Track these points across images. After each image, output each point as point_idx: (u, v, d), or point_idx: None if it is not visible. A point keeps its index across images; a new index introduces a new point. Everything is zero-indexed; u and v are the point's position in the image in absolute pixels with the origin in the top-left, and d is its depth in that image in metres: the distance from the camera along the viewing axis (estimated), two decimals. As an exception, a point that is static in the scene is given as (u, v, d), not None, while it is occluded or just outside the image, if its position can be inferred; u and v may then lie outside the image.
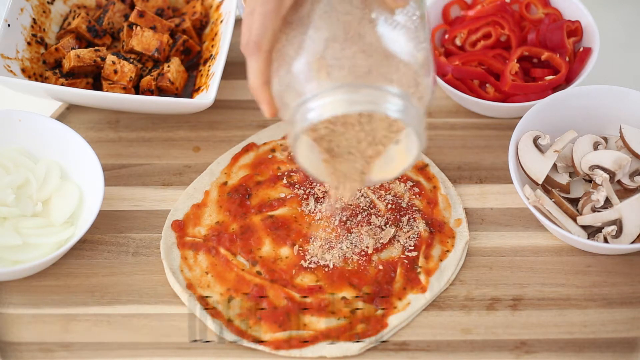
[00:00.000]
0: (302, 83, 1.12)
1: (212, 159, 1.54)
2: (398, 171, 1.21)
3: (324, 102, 1.10)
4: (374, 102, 1.09)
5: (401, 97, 1.11)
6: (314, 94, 1.10)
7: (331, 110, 1.09)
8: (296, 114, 1.12)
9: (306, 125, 1.11)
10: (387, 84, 1.11)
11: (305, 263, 1.39)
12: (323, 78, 1.11)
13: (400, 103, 1.11)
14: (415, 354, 1.33)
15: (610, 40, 1.70)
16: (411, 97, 1.12)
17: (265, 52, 1.14)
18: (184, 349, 1.33)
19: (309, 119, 1.10)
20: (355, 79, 1.10)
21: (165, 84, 1.54)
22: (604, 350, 1.33)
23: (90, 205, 1.41)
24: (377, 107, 1.09)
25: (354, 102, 1.09)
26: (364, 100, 1.09)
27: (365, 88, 1.10)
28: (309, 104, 1.10)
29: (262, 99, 1.16)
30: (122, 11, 1.62)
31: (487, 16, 1.60)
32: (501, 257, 1.43)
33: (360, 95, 1.09)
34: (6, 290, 1.38)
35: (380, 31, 1.13)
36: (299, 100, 1.11)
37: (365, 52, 1.11)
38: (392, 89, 1.11)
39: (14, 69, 1.51)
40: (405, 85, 1.12)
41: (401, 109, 1.10)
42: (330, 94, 1.10)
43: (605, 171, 1.42)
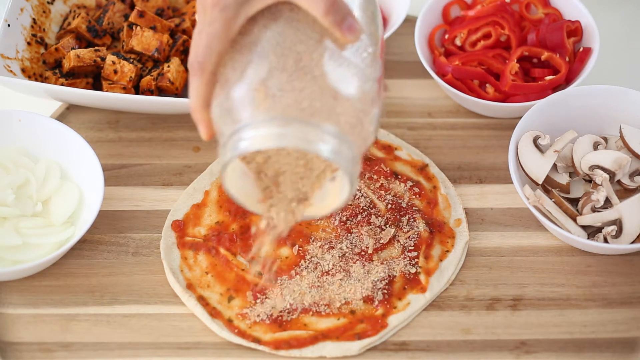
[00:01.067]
0: (239, 110, 1.08)
1: (212, 159, 1.54)
2: (329, 210, 1.17)
3: (256, 134, 1.06)
4: (307, 139, 1.05)
5: (336, 137, 1.07)
6: (247, 123, 1.07)
7: (261, 143, 1.06)
8: (228, 142, 1.08)
9: (235, 155, 1.07)
10: (325, 121, 1.07)
11: (305, 263, 1.39)
12: (260, 108, 1.07)
13: (335, 143, 1.06)
14: (415, 354, 1.33)
15: (610, 40, 1.70)
16: (351, 138, 1.08)
17: (208, 73, 1.11)
18: (184, 349, 1.33)
19: (239, 149, 1.07)
20: (293, 112, 1.06)
21: (165, 84, 1.54)
22: (604, 350, 1.33)
23: (90, 205, 1.41)
24: (308, 145, 1.05)
25: (285, 137, 1.05)
26: (296, 137, 1.05)
27: (299, 124, 1.06)
28: (241, 134, 1.07)
29: (200, 121, 1.14)
30: (122, 11, 1.62)
31: (487, 16, 1.60)
32: (501, 257, 1.43)
33: (293, 131, 1.05)
34: (6, 290, 1.38)
35: (327, 66, 1.09)
36: (233, 128, 1.08)
37: (308, 87, 1.07)
38: (328, 127, 1.06)
39: (14, 69, 1.51)
40: (346, 125, 1.08)
41: (335, 149, 1.06)
42: (264, 125, 1.06)
43: (605, 171, 1.42)
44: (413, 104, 1.61)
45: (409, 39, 1.65)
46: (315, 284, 1.37)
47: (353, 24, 1.11)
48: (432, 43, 1.62)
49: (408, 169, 1.51)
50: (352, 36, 1.11)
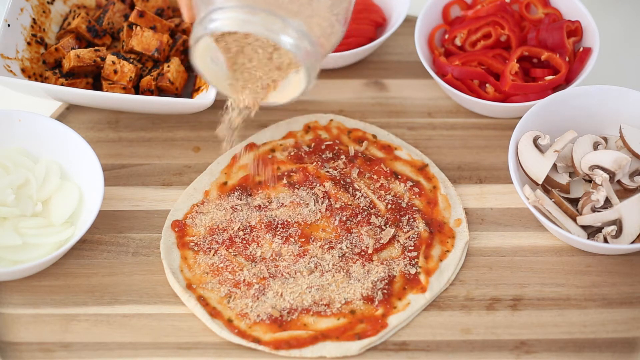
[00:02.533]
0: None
1: (212, 159, 1.54)
2: (287, 99, 1.28)
3: (226, 16, 1.16)
4: (271, 29, 1.15)
5: (300, 32, 1.16)
6: (219, 6, 1.17)
7: (228, 25, 1.16)
8: (201, 21, 1.19)
9: (205, 33, 1.18)
10: (293, 17, 1.16)
11: (305, 263, 1.39)
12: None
13: (296, 37, 1.16)
14: (415, 354, 1.33)
15: (610, 40, 1.70)
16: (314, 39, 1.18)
17: None
18: (184, 349, 1.33)
19: (209, 29, 1.17)
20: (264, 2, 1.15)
21: (165, 84, 1.54)
22: (604, 350, 1.33)
23: (90, 205, 1.41)
24: (271, 34, 1.15)
25: (251, 23, 1.15)
26: (261, 25, 1.15)
27: (266, 13, 1.15)
28: (212, 15, 1.17)
29: (183, 4, 1.27)
30: (122, 11, 1.62)
31: (487, 16, 1.60)
32: (501, 257, 1.43)
33: (258, 19, 1.15)
34: (6, 290, 1.38)
35: None
36: (207, 9, 1.18)
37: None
38: (294, 22, 1.16)
39: (14, 69, 1.51)
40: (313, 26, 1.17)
41: (294, 43, 1.16)
42: (233, 10, 1.16)
43: (605, 171, 1.42)
44: (413, 104, 1.61)
45: (409, 39, 1.65)
46: (315, 284, 1.37)
47: None
48: (432, 43, 1.62)
49: (408, 169, 1.51)
50: None
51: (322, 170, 1.49)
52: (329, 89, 1.64)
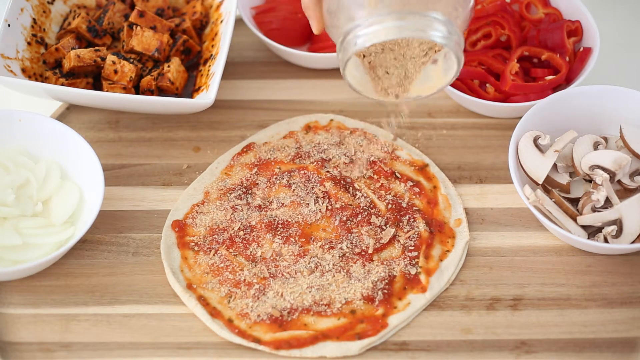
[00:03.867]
0: (351, 9, 1.22)
1: (212, 159, 1.54)
2: (436, 89, 1.32)
3: (372, 30, 1.20)
4: (421, 29, 1.19)
5: (444, 23, 1.20)
6: (362, 21, 1.20)
7: (379, 37, 1.19)
8: (346, 40, 1.22)
9: (355, 51, 1.21)
10: (432, 9, 1.19)
11: (305, 263, 1.39)
12: (371, 5, 1.20)
13: (444, 29, 1.20)
14: (415, 354, 1.33)
15: (610, 40, 1.70)
16: (454, 23, 1.21)
17: None
18: (184, 349, 1.33)
19: (358, 45, 1.21)
20: (402, 5, 1.18)
21: (165, 84, 1.54)
22: (604, 350, 1.33)
23: (90, 205, 1.41)
24: (424, 33, 1.19)
25: (401, 29, 1.19)
26: (412, 28, 1.19)
27: (412, 15, 1.19)
28: (358, 30, 1.21)
29: (313, 16, 1.29)
30: (122, 11, 1.62)
31: (487, 16, 1.60)
32: (501, 257, 1.43)
33: (407, 23, 1.19)
34: (6, 290, 1.38)
35: None
36: (350, 26, 1.22)
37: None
38: (436, 14, 1.19)
39: (14, 69, 1.51)
40: (448, 9, 1.20)
41: (445, 34, 1.20)
42: (378, 22, 1.19)
43: (605, 171, 1.42)
44: (413, 104, 1.61)
45: (409, 39, 1.65)
46: (316, 284, 1.37)
47: None
48: (432, 43, 1.62)
49: (408, 169, 1.51)
50: None
51: (322, 170, 1.49)
52: (329, 89, 1.64)
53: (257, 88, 1.64)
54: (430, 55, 1.30)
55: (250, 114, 1.60)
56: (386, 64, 1.31)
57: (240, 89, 1.63)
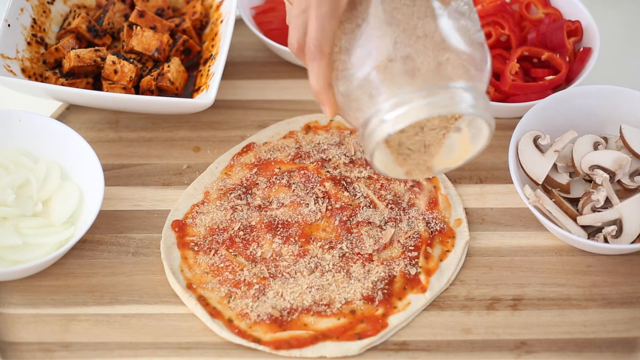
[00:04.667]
0: (372, 89, 1.11)
1: (212, 159, 1.54)
2: (464, 159, 1.22)
3: (402, 112, 1.09)
4: (449, 104, 1.09)
5: (470, 91, 1.11)
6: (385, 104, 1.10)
7: (407, 119, 1.09)
8: (369, 126, 1.12)
9: (384, 136, 1.11)
10: (456, 79, 1.11)
11: (305, 263, 1.39)
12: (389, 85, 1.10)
13: (471, 98, 1.11)
14: (415, 354, 1.33)
15: (610, 40, 1.70)
16: (476, 87, 1.13)
17: (327, 55, 1.14)
18: (184, 349, 1.33)
19: (387, 129, 1.10)
20: (422, 81, 1.10)
21: (165, 84, 1.54)
22: (604, 350, 1.33)
23: (90, 205, 1.41)
24: (453, 108, 1.10)
25: (429, 106, 1.09)
26: (440, 104, 1.09)
27: (436, 90, 1.09)
28: (383, 114, 1.11)
29: (326, 102, 1.18)
30: (122, 11, 1.62)
31: (487, 16, 1.60)
32: (501, 257, 1.43)
33: (435, 99, 1.09)
34: (6, 290, 1.38)
35: (442, 24, 1.13)
36: (372, 110, 1.12)
37: (429, 50, 1.11)
38: (460, 84, 1.11)
39: (14, 69, 1.51)
40: (470, 75, 1.12)
41: (473, 104, 1.11)
42: (402, 103, 1.10)
43: (605, 171, 1.42)
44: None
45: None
46: (316, 284, 1.37)
47: None
48: (432, 43, 1.62)
49: (408, 169, 1.51)
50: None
51: (322, 170, 1.49)
52: (329, 89, 1.64)
53: (257, 88, 1.64)
54: (450, 124, 1.20)
55: (250, 114, 1.60)
56: (407, 141, 1.21)
57: (240, 89, 1.63)
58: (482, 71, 1.14)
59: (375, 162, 1.17)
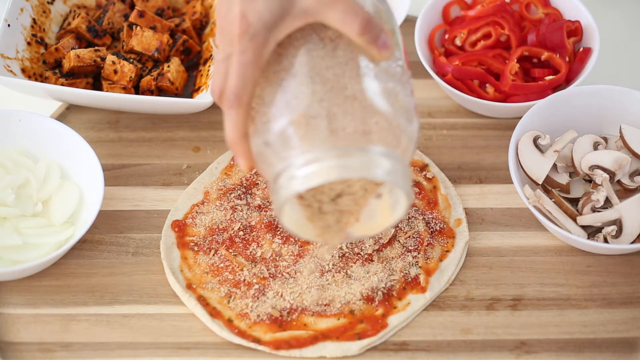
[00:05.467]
0: (283, 145, 1.07)
1: (212, 159, 1.54)
2: (383, 227, 1.18)
3: (312, 170, 1.05)
4: (362, 167, 1.04)
5: (389, 157, 1.06)
6: (297, 160, 1.06)
7: (318, 179, 1.04)
8: (279, 181, 1.07)
9: (292, 194, 1.06)
10: (374, 144, 1.06)
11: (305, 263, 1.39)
12: (304, 141, 1.05)
13: (389, 164, 1.06)
14: (415, 354, 1.33)
15: (610, 40, 1.70)
16: (397, 153, 1.08)
17: (245, 104, 1.09)
18: (184, 349, 1.33)
19: (295, 187, 1.05)
20: (339, 141, 1.05)
21: (165, 84, 1.54)
22: (603, 350, 1.33)
23: (90, 205, 1.41)
24: (367, 172, 1.04)
25: (342, 168, 1.04)
26: (354, 166, 1.04)
27: (352, 152, 1.05)
28: (294, 170, 1.06)
29: (240, 153, 1.12)
30: (122, 11, 1.62)
31: (487, 16, 1.60)
32: (501, 257, 1.43)
33: (349, 161, 1.04)
34: (6, 290, 1.38)
35: (367, 85, 1.08)
36: (283, 165, 1.07)
37: (350, 110, 1.06)
38: (378, 149, 1.06)
39: (14, 69, 1.51)
40: (391, 141, 1.07)
41: (390, 170, 1.06)
42: (315, 161, 1.05)
43: (605, 171, 1.42)
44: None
45: (409, 39, 1.65)
46: (315, 284, 1.37)
47: (387, 40, 1.09)
48: (432, 43, 1.62)
49: (408, 169, 1.51)
50: (387, 52, 1.10)
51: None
52: (329, 89, 1.64)
53: (257, 88, 1.64)
54: (371, 191, 1.14)
55: (250, 114, 1.60)
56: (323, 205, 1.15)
57: (240, 89, 1.63)
58: (408, 139, 1.09)
59: (284, 219, 1.11)
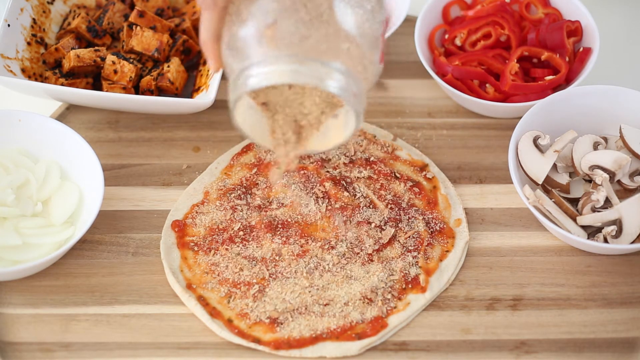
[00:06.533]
0: (249, 47, 1.12)
1: (212, 159, 1.54)
2: (332, 144, 1.22)
3: (266, 70, 1.10)
4: (317, 76, 1.10)
5: (344, 74, 1.11)
6: (258, 60, 1.11)
7: (272, 79, 1.10)
8: (239, 78, 1.13)
9: (246, 91, 1.12)
10: (334, 59, 1.11)
11: (305, 263, 1.39)
12: (269, 46, 1.11)
13: (343, 80, 1.11)
14: (415, 354, 1.33)
15: (610, 40, 1.70)
16: (356, 76, 1.13)
17: (220, 8, 1.15)
18: (184, 349, 1.33)
19: (249, 85, 1.11)
20: (302, 50, 1.11)
21: (165, 84, 1.54)
22: (603, 350, 1.33)
23: (90, 205, 1.41)
24: (319, 82, 1.10)
25: (297, 73, 1.10)
26: (307, 74, 1.10)
27: (309, 61, 1.11)
28: (251, 70, 1.11)
29: (210, 54, 1.19)
30: (122, 11, 1.62)
31: (487, 16, 1.60)
32: (501, 257, 1.43)
33: (304, 68, 1.10)
34: (6, 290, 1.38)
35: (336, 7, 1.13)
36: (243, 65, 1.13)
37: (316, 27, 1.11)
38: (336, 64, 1.11)
39: (14, 69, 1.51)
40: (353, 63, 1.12)
41: (343, 86, 1.11)
42: (274, 62, 1.10)
43: (605, 171, 1.42)
44: (413, 104, 1.61)
45: (409, 39, 1.65)
46: (315, 284, 1.37)
47: None
48: (432, 43, 1.62)
49: (408, 169, 1.51)
50: None
51: (322, 170, 1.49)
52: (329, 89, 1.64)
53: (257, 88, 1.64)
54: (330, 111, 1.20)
55: (250, 114, 1.60)
56: (282, 112, 1.21)
57: (240, 89, 1.63)
58: (371, 63, 1.15)
59: (236, 116, 1.17)
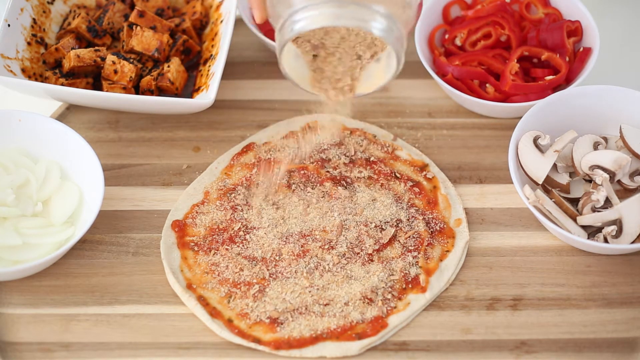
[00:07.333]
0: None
1: (212, 159, 1.54)
2: (375, 87, 1.30)
3: (311, 14, 1.17)
4: (360, 19, 1.17)
5: (386, 17, 1.18)
6: (302, 6, 1.18)
7: (316, 22, 1.17)
8: (284, 26, 1.19)
9: (293, 35, 1.18)
10: (376, 3, 1.17)
11: (305, 263, 1.39)
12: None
13: (385, 23, 1.18)
14: (415, 354, 1.33)
15: (610, 40, 1.70)
16: (396, 20, 1.19)
17: None
18: (184, 349, 1.33)
19: (295, 30, 1.18)
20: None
21: (165, 84, 1.54)
22: (604, 350, 1.33)
23: (90, 205, 1.41)
24: (362, 23, 1.17)
25: (340, 16, 1.17)
26: (350, 16, 1.16)
27: (352, 5, 1.17)
28: (296, 16, 1.18)
29: (255, 4, 1.26)
30: (122, 11, 1.62)
31: (487, 16, 1.60)
32: (501, 257, 1.43)
33: (347, 11, 1.16)
34: (6, 290, 1.38)
35: None
36: (289, 11, 1.19)
37: None
38: (378, 7, 1.17)
39: (14, 69, 1.51)
40: (393, 7, 1.18)
41: (385, 28, 1.18)
42: (317, 7, 1.17)
43: (605, 171, 1.42)
44: (413, 104, 1.61)
45: (409, 39, 1.64)
46: (316, 284, 1.37)
47: None
48: (432, 43, 1.62)
49: (408, 169, 1.51)
50: None
51: (322, 170, 1.49)
52: (329, 89, 1.64)
53: (257, 88, 1.64)
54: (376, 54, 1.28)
55: (250, 114, 1.60)
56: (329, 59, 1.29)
57: (240, 89, 1.63)
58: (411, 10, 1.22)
59: (283, 61, 1.25)
